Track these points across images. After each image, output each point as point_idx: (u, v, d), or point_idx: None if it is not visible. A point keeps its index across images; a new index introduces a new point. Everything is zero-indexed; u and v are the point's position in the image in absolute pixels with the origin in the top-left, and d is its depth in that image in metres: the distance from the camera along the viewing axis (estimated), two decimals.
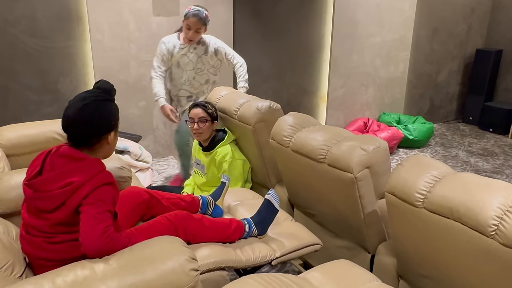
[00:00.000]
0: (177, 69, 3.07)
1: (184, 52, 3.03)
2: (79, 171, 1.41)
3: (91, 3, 3.38)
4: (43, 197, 1.40)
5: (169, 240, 1.39)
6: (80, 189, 1.38)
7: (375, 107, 5.04)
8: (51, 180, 1.40)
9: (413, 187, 1.53)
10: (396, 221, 1.67)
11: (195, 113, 2.57)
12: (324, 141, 1.97)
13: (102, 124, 1.48)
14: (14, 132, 2.48)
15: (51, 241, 1.42)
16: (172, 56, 3.03)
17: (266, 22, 4.19)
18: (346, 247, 2.13)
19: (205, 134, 2.58)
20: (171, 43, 3.01)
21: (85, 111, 1.44)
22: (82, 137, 1.46)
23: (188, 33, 2.92)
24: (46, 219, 1.41)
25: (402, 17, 4.82)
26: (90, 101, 1.45)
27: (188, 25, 2.90)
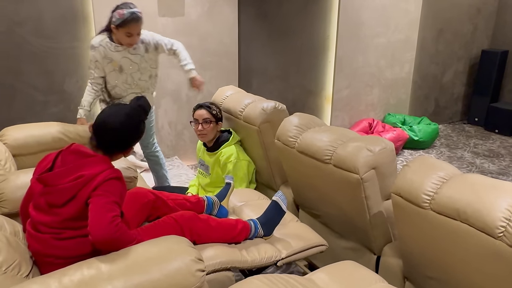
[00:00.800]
0: (120, 75, 2.76)
1: (124, 54, 2.72)
2: (89, 165, 1.46)
3: (96, 4, 3.39)
4: (54, 191, 1.44)
5: (175, 240, 1.39)
6: (91, 181, 1.42)
7: (380, 108, 5.03)
8: (63, 174, 1.45)
9: (420, 188, 1.52)
10: (402, 223, 1.66)
11: (199, 114, 2.57)
12: (330, 141, 1.97)
13: (132, 140, 1.60)
14: (21, 132, 2.49)
15: (60, 237, 1.44)
16: (112, 61, 2.71)
17: (271, 23, 4.19)
18: (352, 248, 2.13)
19: (210, 135, 2.58)
20: (103, 48, 2.67)
21: (127, 126, 1.56)
22: (109, 144, 1.55)
23: (129, 39, 2.63)
24: (56, 214, 1.44)
25: (407, 18, 4.80)
26: (134, 119, 1.58)
27: (129, 32, 2.59)
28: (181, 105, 3.95)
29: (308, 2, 4.28)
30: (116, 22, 2.59)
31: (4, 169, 2.06)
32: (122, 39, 2.65)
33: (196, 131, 2.59)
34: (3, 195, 1.75)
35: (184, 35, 3.76)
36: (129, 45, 2.68)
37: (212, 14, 3.82)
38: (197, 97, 3.97)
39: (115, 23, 2.60)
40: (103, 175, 1.44)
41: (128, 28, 2.58)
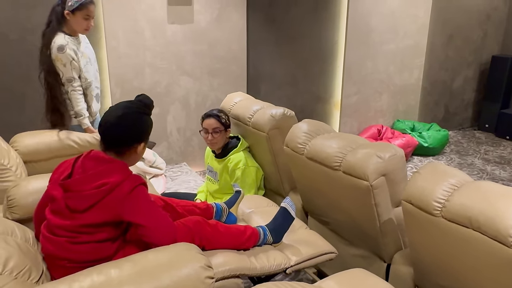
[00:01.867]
0: (91, 66, 2.72)
1: (85, 45, 2.70)
2: (111, 172, 1.49)
3: (107, 11, 3.42)
4: (77, 197, 1.47)
5: (185, 247, 1.39)
6: (116, 190, 1.46)
7: (389, 114, 5.00)
8: (85, 180, 1.48)
9: (431, 195, 1.51)
10: (413, 230, 1.65)
11: (209, 124, 2.55)
12: (339, 148, 1.96)
13: (135, 134, 1.60)
14: (32, 139, 2.52)
15: (75, 241, 1.46)
16: (83, 53, 2.65)
17: (280, 28, 4.20)
18: (361, 256, 2.11)
19: (220, 143, 2.58)
20: (71, 43, 2.58)
21: (125, 119, 1.57)
22: (116, 141, 1.57)
23: (86, 23, 2.58)
24: (76, 219, 1.46)
25: (416, 24, 4.79)
26: (131, 111, 1.59)
27: (88, 15, 2.56)
28: (190, 112, 3.96)
29: (317, 8, 4.29)
30: (73, 6, 2.52)
31: (15, 175, 2.08)
32: (79, 24, 2.57)
33: (206, 140, 2.58)
34: (14, 200, 1.76)
35: (193, 42, 3.79)
36: (85, 31, 2.63)
37: (220, 21, 3.84)
38: (206, 103, 3.99)
39: (71, 7, 2.53)
40: (127, 184, 1.47)
41: (87, 10, 2.55)
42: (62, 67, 2.56)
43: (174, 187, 3.59)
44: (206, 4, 3.74)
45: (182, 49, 3.77)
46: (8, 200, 1.76)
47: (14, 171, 2.11)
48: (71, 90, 2.62)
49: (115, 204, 1.46)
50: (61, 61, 2.54)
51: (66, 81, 2.60)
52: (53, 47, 2.53)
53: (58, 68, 2.56)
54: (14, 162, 2.18)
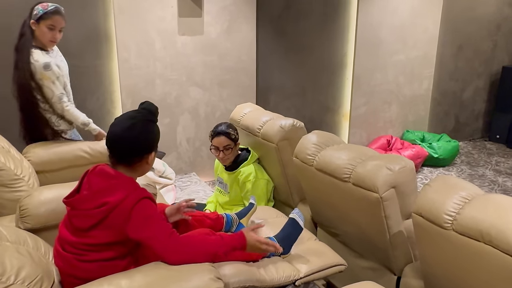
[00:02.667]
0: (66, 80, 2.66)
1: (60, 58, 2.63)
2: (113, 190, 1.44)
3: (119, 24, 3.48)
4: (80, 215, 1.45)
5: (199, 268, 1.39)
6: (118, 207, 1.41)
7: (398, 125, 4.99)
8: (87, 199, 1.45)
9: (441, 208, 1.50)
10: (424, 243, 1.64)
11: (219, 142, 2.53)
12: (349, 160, 1.96)
13: (146, 144, 1.54)
14: (44, 149, 2.55)
15: (82, 259, 1.45)
16: (60, 67, 2.59)
17: (289, 40, 4.23)
18: (371, 268, 2.10)
19: (231, 158, 2.58)
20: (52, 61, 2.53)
21: (132, 130, 1.50)
22: (125, 154, 1.52)
23: (51, 34, 2.48)
24: (81, 237, 1.45)
25: (426, 35, 4.79)
26: (138, 120, 1.53)
27: (52, 25, 2.46)
28: (199, 122, 3.99)
29: (326, 20, 4.31)
30: (38, 15, 2.44)
31: (27, 185, 2.11)
32: (43, 35, 2.47)
33: (217, 157, 2.58)
34: (26, 210, 1.78)
35: (203, 53, 3.83)
36: (50, 42, 2.52)
37: (230, 32, 3.88)
38: (215, 114, 4.01)
39: (36, 17, 2.44)
40: (130, 200, 1.42)
41: (52, 20, 2.45)
42: (51, 85, 2.49)
43: (183, 197, 3.60)
44: (216, 16, 3.79)
45: (192, 60, 3.80)
46: (21, 210, 1.78)
47: (26, 181, 2.14)
48: (65, 106, 2.56)
49: (118, 223, 1.42)
50: (49, 79, 2.47)
51: (58, 99, 2.52)
52: (36, 66, 2.44)
53: (46, 86, 2.48)
54: (27, 172, 2.21)
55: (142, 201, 1.44)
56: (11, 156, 2.23)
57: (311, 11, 4.22)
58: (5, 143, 2.34)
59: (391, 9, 4.52)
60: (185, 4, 3.66)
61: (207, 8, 3.74)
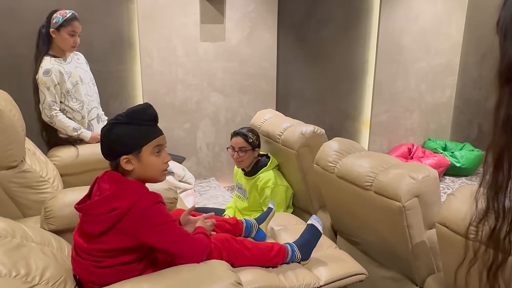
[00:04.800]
0: (82, 86, 2.70)
1: (75, 64, 2.69)
2: (122, 195, 1.42)
3: (142, 30, 3.53)
4: (91, 221, 1.44)
5: (216, 263, 1.40)
6: (130, 212, 1.40)
7: (419, 133, 4.92)
8: (98, 204, 1.43)
9: (467, 218, 1.47)
10: (447, 254, 1.60)
11: (235, 143, 2.57)
12: (371, 168, 1.94)
13: (112, 147, 1.48)
14: (68, 152, 2.61)
15: (99, 266, 1.44)
16: (71, 74, 2.65)
17: (310, 47, 4.23)
18: (392, 278, 2.06)
19: (246, 162, 2.60)
20: (57, 66, 2.60)
21: (103, 134, 1.51)
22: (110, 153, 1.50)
23: (72, 40, 2.60)
24: (94, 243, 1.44)
25: (449, 42, 4.73)
26: (108, 124, 1.51)
27: (73, 31, 2.59)
28: (219, 128, 4.01)
29: (347, 27, 4.30)
30: (58, 22, 2.55)
31: (52, 187, 2.15)
32: (64, 42, 2.59)
33: (232, 157, 2.61)
34: (51, 212, 1.81)
35: (224, 60, 3.86)
36: (72, 48, 2.64)
37: (251, 39, 3.90)
38: (235, 119, 4.03)
39: (56, 24, 2.55)
40: (141, 205, 1.41)
41: (72, 26, 2.57)
42: (45, 90, 2.56)
43: (202, 202, 3.62)
44: (237, 23, 3.81)
45: (213, 66, 3.84)
46: (46, 211, 1.82)
47: (51, 183, 2.18)
48: (55, 113, 2.60)
49: (130, 228, 1.41)
50: (45, 84, 2.54)
51: (48, 106, 2.57)
52: (39, 71, 2.56)
53: (41, 91, 2.56)
54: (52, 174, 2.25)
55: (154, 206, 1.43)
56: (37, 158, 2.28)
57: (332, 18, 4.22)
58: (31, 145, 2.39)
59: (413, 16, 4.48)
60: (207, 10, 3.70)
61: (229, 15, 3.78)
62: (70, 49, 2.65)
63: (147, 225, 1.41)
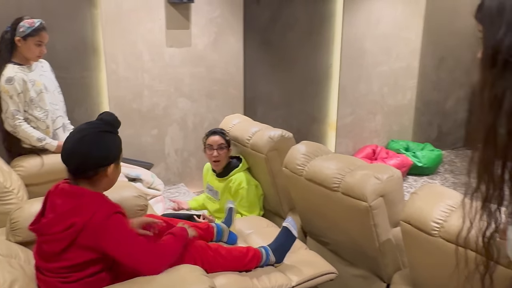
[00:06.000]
0: (47, 95, 2.63)
1: (39, 72, 2.63)
2: (79, 210, 1.38)
3: (107, 36, 3.49)
4: (49, 240, 1.40)
5: (189, 269, 1.41)
6: (86, 228, 1.36)
7: (383, 135, 5.08)
8: (54, 222, 1.39)
9: (429, 216, 1.55)
10: (412, 250, 1.68)
11: (214, 140, 2.60)
12: (338, 169, 2.00)
13: (99, 157, 1.45)
14: (32, 161, 2.54)
15: (67, 281, 1.40)
16: (35, 82, 2.57)
17: (275, 51, 4.29)
18: (361, 276, 2.13)
19: (223, 162, 2.61)
20: (20, 74, 2.53)
21: (82, 143, 1.44)
22: (79, 169, 1.44)
23: (38, 50, 2.55)
24: (56, 261, 1.40)
25: (408, 47, 4.91)
26: (88, 132, 1.46)
27: (41, 41, 2.54)
28: (187, 133, 4.00)
29: (312, 31, 4.39)
30: (25, 32, 2.49)
31: (17, 198, 2.09)
32: (30, 51, 2.53)
33: (211, 157, 2.60)
34: (17, 223, 1.77)
35: (191, 65, 3.86)
36: (37, 57, 2.58)
37: (217, 44, 3.92)
38: (203, 125, 4.03)
39: (23, 34, 2.49)
40: (96, 218, 1.37)
41: (40, 36, 2.52)
42: (8, 99, 2.48)
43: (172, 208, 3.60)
44: (203, 28, 3.83)
45: (180, 72, 3.83)
46: (12, 223, 1.77)
47: (16, 193, 2.12)
48: (18, 123, 2.52)
49: (89, 241, 1.37)
50: (7, 92, 2.47)
51: (11, 115, 2.49)
52: (1, 79, 2.48)
53: (3, 100, 2.48)
54: (16, 184, 2.19)
55: (112, 217, 1.39)
56: (0, 169, 2.21)
57: (297, 23, 4.30)
58: None
59: (374, 21, 4.63)
60: (173, 16, 3.69)
61: (194, 20, 3.78)
62: (35, 58, 2.59)
63: (104, 237, 1.37)
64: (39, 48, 2.55)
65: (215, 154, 2.58)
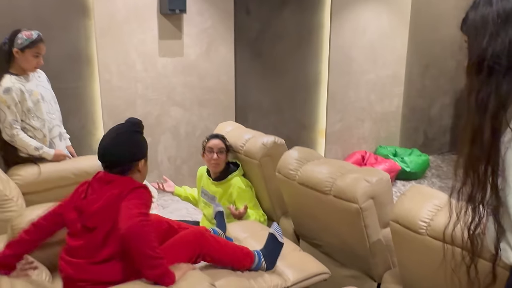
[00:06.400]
0: (44, 104, 2.68)
1: (36, 83, 2.69)
2: (115, 187, 1.61)
3: (100, 46, 3.55)
4: (89, 215, 1.58)
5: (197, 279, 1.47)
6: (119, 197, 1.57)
7: (371, 141, 5.19)
8: (94, 200, 1.60)
9: (417, 215, 1.63)
10: (401, 249, 1.76)
11: (215, 144, 2.64)
12: (330, 173, 2.08)
13: (133, 151, 1.70)
14: (29, 170, 2.58)
15: (94, 262, 1.54)
16: (32, 92, 2.62)
17: (266, 61, 4.39)
18: (353, 276, 2.21)
19: (222, 165, 2.66)
20: (18, 84, 2.57)
21: (116, 141, 1.69)
22: (115, 162, 1.67)
23: (36, 61, 2.61)
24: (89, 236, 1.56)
25: (394, 55, 5.05)
26: (121, 131, 1.71)
27: (38, 53, 2.60)
28: (180, 141, 4.06)
29: (301, 42, 4.50)
30: (23, 44, 2.54)
31: (17, 205, 2.14)
32: (28, 62, 2.58)
33: (210, 160, 2.63)
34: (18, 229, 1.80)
35: (183, 74, 3.93)
36: (35, 68, 2.64)
37: (209, 54, 4.01)
38: (195, 133, 4.10)
39: (21, 45, 2.54)
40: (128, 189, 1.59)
41: (37, 48, 2.58)
42: (6, 109, 2.53)
43: (166, 215, 3.62)
44: (195, 38, 3.91)
45: (172, 81, 3.90)
46: (13, 229, 1.81)
47: (15, 201, 2.16)
48: (16, 132, 2.57)
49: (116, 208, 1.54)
50: (5, 102, 2.52)
51: (9, 124, 2.54)
52: None
53: (1, 109, 2.53)
54: (15, 192, 2.23)
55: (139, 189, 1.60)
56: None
57: (286, 33, 4.41)
58: None
59: (361, 31, 4.76)
60: (165, 27, 3.77)
61: (186, 31, 3.86)
62: (32, 69, 2.65)
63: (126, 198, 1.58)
64: (37, 59, 2.61)
65: (214, 157, 2.62)
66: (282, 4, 4.32)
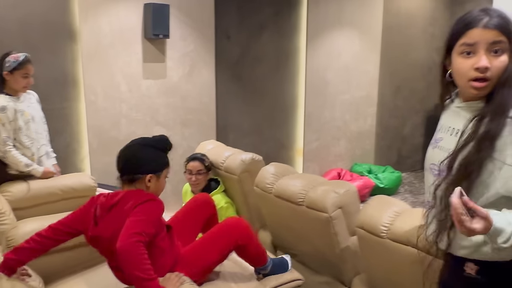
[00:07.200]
0: (33, 124, 2.83)
1: (27, 104, 2.83)
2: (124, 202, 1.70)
3: (86, 69, 3.70)
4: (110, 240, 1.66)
5: None
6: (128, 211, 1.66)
7: (347, 158, 5.42)
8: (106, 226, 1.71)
9: (378, 221, 1.83)
10: (366, 252, 1.94)
11: (193, 166, 2.82)
12: (302, 186, 2.27)
13: (139, 164, 1.76)
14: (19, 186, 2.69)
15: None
16: (23, 112, 2.76)
17: (246, 83, 4.61)
18: (326, 282, 2.37)
19: (202, 185, 2.83)
20: (12, 103, 2.70)
21: (130, 148, 1.80)
22: (121, 169, 1.77)
23: (25, 81, 2.74)
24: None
25: (367, 77, 5.34)
26: (135, 143, 1.81)
27: (27, 73, 2.73)
28: None
29: (279, 66, 4.75)
30: (12, 66, 2.68)
31: (10, 219, 2.24)
32: (18, 83, 2.72)
33: (190, 181, 2.83)
34: (13, 241, 1.92)
35: (166, 96, 4.11)
36: (24, 88, 2.78)
37: (191, 76, 4.20)
38: (178, 152, 4.25)
39: (10, 68, 2.68)
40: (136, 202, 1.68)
41: (25, 69, 2.72)
42: (0, 126, 2.66)
43: None
44: (178, 62, 4.11)
45: (156, 102, 4.07)
46: (8, 241, 1.93)
47: (8, 214, 2.27)
48: (8, 148, 2.69)
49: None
50: (0, 120, 2.66)
51: (2, 141, 2.67)
52: None
53: None
54: (7, 207, 2.34)
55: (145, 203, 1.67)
56: None
57: (265, 57, 4.65)
58: None
59: (335, 55, 5.04)
60: (149, 50, 3.96)
61: (169, 54, 4.06)
62: (22, 89, 2.79)
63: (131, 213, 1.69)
64: (26, 79, 2.75)
65: (193, 179, 2.81)
66: (260, 30, 4.57)
